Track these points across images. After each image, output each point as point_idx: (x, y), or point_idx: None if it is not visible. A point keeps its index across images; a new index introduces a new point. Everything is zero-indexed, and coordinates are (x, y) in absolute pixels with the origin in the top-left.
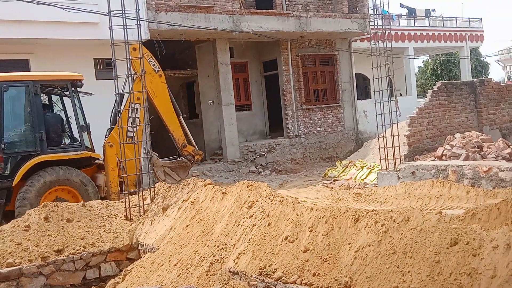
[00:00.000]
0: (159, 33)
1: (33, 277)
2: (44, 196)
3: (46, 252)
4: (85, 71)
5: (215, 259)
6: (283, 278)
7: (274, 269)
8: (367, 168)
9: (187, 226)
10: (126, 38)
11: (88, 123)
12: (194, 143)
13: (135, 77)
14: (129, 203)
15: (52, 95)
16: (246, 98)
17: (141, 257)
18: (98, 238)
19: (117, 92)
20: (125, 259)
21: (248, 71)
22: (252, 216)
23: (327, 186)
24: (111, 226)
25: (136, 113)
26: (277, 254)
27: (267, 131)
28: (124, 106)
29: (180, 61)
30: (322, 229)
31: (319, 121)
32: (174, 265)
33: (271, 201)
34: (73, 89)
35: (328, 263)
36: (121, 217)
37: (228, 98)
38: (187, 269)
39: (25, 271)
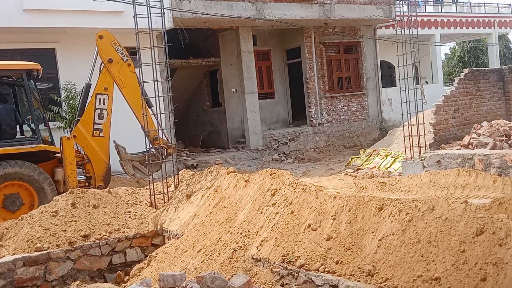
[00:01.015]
0: (182, 22)
1: (60, 262)
2: None
3: (73, 237)
4: None
5: (238, 246)
6: (306, 265)
7: (297, 257)
8: (392, 157)
9: (210, 213)
10: (150, 27)
11: (44, 115)
12: (166, 136)
13: (102, 66)
14: (153, 190)
15: (14, 86)
16: (269, 86)
17: (166, 243)
18: (123, 224)
19: (141, 81)
20: (150, 245)
21: (271, 59)
22: (275, 204)
23: (350, 175)
24: (136, 212)
25: (104, 104)
26: (300, 241)
27: (290, 119)
28: (91, 97)
29: (203, 49)
30: (345, 217)
31: (343, 109)
32: (198, 251)
33: (294, 189)
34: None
35: (351, 251)
36: (146, 203)
37: (251, 86)
38: (210, 255)
39: (53, 255)
